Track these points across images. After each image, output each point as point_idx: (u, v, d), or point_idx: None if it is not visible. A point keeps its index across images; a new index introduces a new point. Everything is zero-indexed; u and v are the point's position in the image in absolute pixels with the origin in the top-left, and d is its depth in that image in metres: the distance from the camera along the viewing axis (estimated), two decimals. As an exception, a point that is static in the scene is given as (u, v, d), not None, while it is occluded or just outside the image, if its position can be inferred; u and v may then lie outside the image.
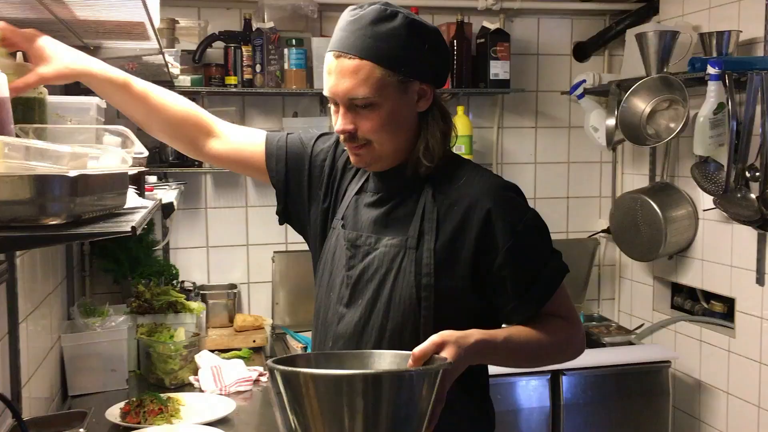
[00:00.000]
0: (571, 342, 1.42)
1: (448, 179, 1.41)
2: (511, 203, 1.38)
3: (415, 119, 1.40)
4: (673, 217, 3.02)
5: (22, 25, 1.47)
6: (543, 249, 1.39)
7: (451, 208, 1.38)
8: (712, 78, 2.59)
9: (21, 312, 1.87)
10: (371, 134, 1.36)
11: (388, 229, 1.42)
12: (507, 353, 1.34)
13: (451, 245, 1.36)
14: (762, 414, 2.73)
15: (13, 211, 0.90)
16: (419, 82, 1.37)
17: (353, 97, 1.33)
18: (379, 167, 1.43)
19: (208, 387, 2.45)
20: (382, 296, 1.38)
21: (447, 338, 1.21)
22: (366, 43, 1.31)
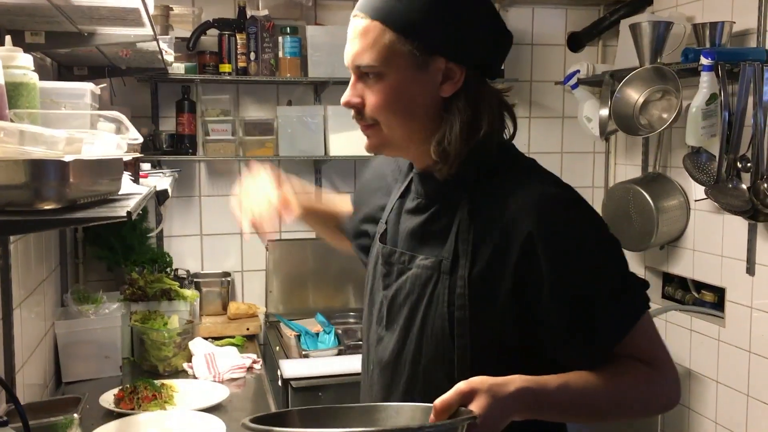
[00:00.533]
0: (656, 393, 1.13)
1: (493, 188, 1.15)
2: (562, 222, 1.10)
3: (436, 104, 1.15)
4: (665, 208, 3.04)
5: (16, 11, 1.47)
6: (610, 281, 1.11)
7: (490, 226, 1.13)
8: (705, 69, 2.60)
9: (15, 298, 1.87)
10: (376, 111, 1.16)
11: (424, 245, 1.21)
12: (564, 406, 1.07)
13: (489, 273, 1.12)
14: (751, 402, 2.76)
15: (8, 195, 0.90)
16: (445, 60, 1.12)
17: (358, 63, 1.15)
18: (394, 153, 1.24)
19: (201, 374, 2.46)
20: (414, 326, 1.19)
21: (477, 386, 1.00)
22: (380, 3, 1.12)
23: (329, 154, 3.11)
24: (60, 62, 2.37)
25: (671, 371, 1.16)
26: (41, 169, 0.91)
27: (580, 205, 1.14)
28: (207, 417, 2.04)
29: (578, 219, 1.12)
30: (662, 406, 1.16)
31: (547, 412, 1.07)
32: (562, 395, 1.06)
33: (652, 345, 1.14)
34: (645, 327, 1.13)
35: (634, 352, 1.12)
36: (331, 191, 3.33)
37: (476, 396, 0.99)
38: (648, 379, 1.12)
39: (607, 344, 1.11)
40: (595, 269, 1.11)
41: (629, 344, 1.11)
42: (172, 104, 3.05)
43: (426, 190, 1.22)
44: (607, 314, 1.10)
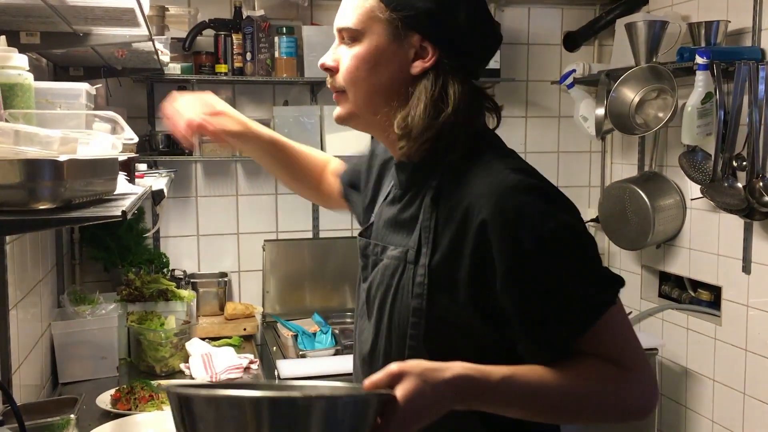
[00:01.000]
0: (622, 394, 1.05)
1: (458, 174, 1.13)
2: (521, 209, 1.04)
3: (405, 81, 1.15)
4: (661, 206, 3.04)
5: (11, 11, 1.47)
6: (570, 272, 1.05)
7: (450, 215, 1.10)
8: (701, 68, 2.61)
9: (11, 299, 1.87)
10: (347, 76, 1.16)
11: (395, 235, 1.20)
12: (508, 399, 1.02)
13: (449, 263, 1.09)
14: (747, 401, 2.76)
15: (3, 195, 0.90)
16: (420, 37, 1.13)
17: (340, 26, 1.18)
18: (361, 128, 1.24)
19: (198, 374, 2.46)
20: (384, 318, 1.17)
21: (408, 369, 0.96)
22: None
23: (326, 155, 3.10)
24: (55, 63, 2.37)
25: (643, 373, 1.07)
26: (36, 168, 0.91)
27: (540, 193, 1.07)
28: (204, 417, 2.03)
29: (535, 207, 1.05)
30: (632, 410, 1.07)
31: (487, 403, 1.01)
32: (505, 387, 1.01)
33: (621, 343, 1.07)
34: (612, 324, 1.06)
35: (599, 350, 1.06)
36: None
37: (405, 378, 0.95)
38: (612, 380, 1.05)
39: (564, 339, 1.05)
40: (552, 260, 1.04)
41: (593, 341, 1.05)
42: (168, 105, 3.04)
43: (401, 179, 1.22)
44: (565, 307, 1.04)
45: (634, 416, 1.07)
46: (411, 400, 0.94)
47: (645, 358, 1.10)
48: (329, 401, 0.87)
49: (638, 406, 1.07)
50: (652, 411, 1.08)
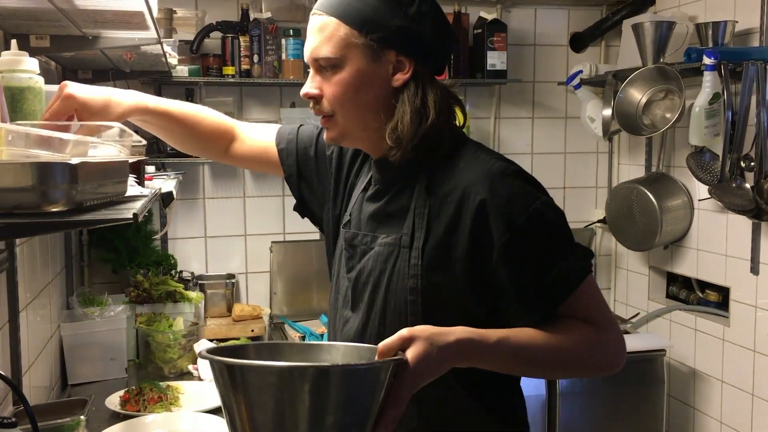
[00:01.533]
0: (598, 350, 1.22)
1: (447, 166, 1.26)
2: (511, 191, 1.19)
3: (387, 94, 1.24)
4: (669, 207, 3.04)
5: (21, 15, 1.48)
6: (553, 245, 1.21)
7: (444, 201, 1.23)
8: (708, 68, 2.60)
9: (21, 301, 1.88)
10: (334, 102, 1.24)
11: (384, 225, 1.30)
12: (504, 357, 1.16)
13: (444, 243, 1.22)
14: (756, 402, 2.76)
15: (16, 198, 0.91)
16: (395, 53, 1.22)
17: (317, 56, 1.23)
18: (351, 144, 1.33)
19: (207, 376, 2.46)
20: (377, 301, 1.27)
21: (417, 333, 1.07)
22: (336, 1, 1.22)
23: (333, 156, 3.12)
24: (64, 66, 2.38)
25: (614, 333, 1.24)
26: (49, 171, 0.91)
27: (525, 176, 1.24)
28: (213, 418, 2.04)
29: (529, 190, 1.21)
30: (606, 364, 1.24)
31: (485, 362, 1.15)
32: (501, 347, 1.14)
33: (595, 307, 1.23)
34: (588, 290, 1.22)
35: (577, 314, 1.21)
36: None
37: (414, 342, 1.06)
38: (590, 338, 1.20)
39: (551, 303, 1.19)
40: (541, 233, 1.20)
41: (573, 305, 1.20)
42: (175, 107, 3.06)
43: (383, 176, 1.31)
44: (551, 275, 1.18)
45: (609, 370, 1.25)
46: (420, 361, 1.05)
47: (614, 320, 1.27)
48: (352, 369, 0.97)
49: (611, 360, 1.25)
50: (622, 365, 1.25)
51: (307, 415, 0.92)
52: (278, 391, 0.92)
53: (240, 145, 1.54)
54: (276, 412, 0.93)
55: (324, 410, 0.92)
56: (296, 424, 0.92)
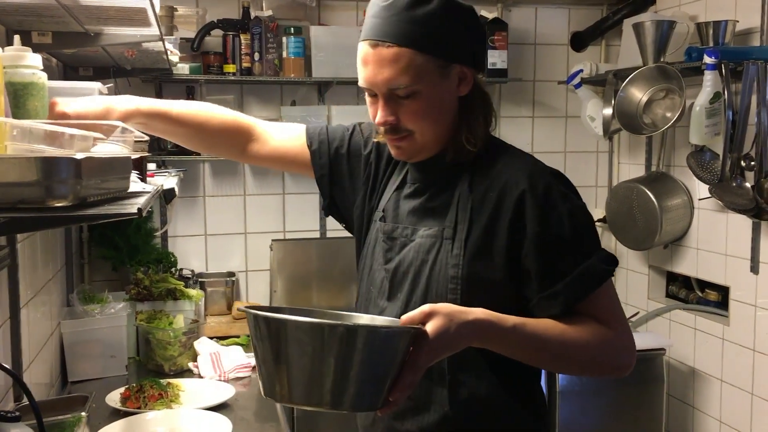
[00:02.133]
0: (608, 351, 1.27)
1: (488, 165, 1.33)
2: (550, 189, 1.27)
3: (455, 104, 1.32)
4: (669, 206, 3.04)
5: (24, 11, 1.48)
6: (581, 245, 1.27)
7: (486, 195, 1.30)
8: (709, 67, 2.61)
9: (22, 298, 1.88)
10: (413, 124, 1.29)
11: (426, 219, 1.35)
12: (519, 343, 1.22)
13: (485, 234, 1.28)
14: (755, 401, 2.76)
15: (20, 193, 0.91)
16: (459, 66, 1.29)
17: (395, 87, 1.25)
18: (421, 158, 1.36)
19: (207, 373, 2.47)
20: (417, 289, 1.33)
21: (439, 309, 1.14)
22: (403, 29, 1.24)
23: (333, 154, 3.12)
24: (65, 63, 2.38)
25: (627, 336, 1.30)
26: (53, 166, 0.91)
27: (562, 179, 1.31)
28: (213, 415, 2.04)
29: (560, 189, 1.28)
30: (614, 366, 1.29)
31: (500, 345, 1.21)
32: (515, 333, 1.20)
33: (611, 310, 1.29)
34: (607, 293, 1.28)
35: (594, 313, 1.26)
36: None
37: (435, 316, 1.13)
38: (602, 338, 1.25)
39: (571, 298, 1.25)
40: (572, 230, 1.26)
41: (591, 305, 1.26)
42: (176, 105, 3.06)
43: (423, 176, 1.38)
44: (575, 272, 1.24)
45: (617, 372, 1.30)
46: (438, 335, 1.11)
47: (628, 324, 1.33)
48: (372, 330, 1.05)
49: (620, 364, 1.29)
50: (630, 369, 1.30)
51: (333, 366, 1.01)
52: (311, 344, 1.01)
53: (262, 145, 1.52)
54: (308, 362, 1.01)
55: (348, 364, 1.01)
56: (324, 373, 1.01)
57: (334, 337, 1.01)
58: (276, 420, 2.13)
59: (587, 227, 1.30)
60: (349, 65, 3.08)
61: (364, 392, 1.04)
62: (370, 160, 1.48)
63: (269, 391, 1.06)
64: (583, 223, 1.28)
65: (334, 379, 1.02)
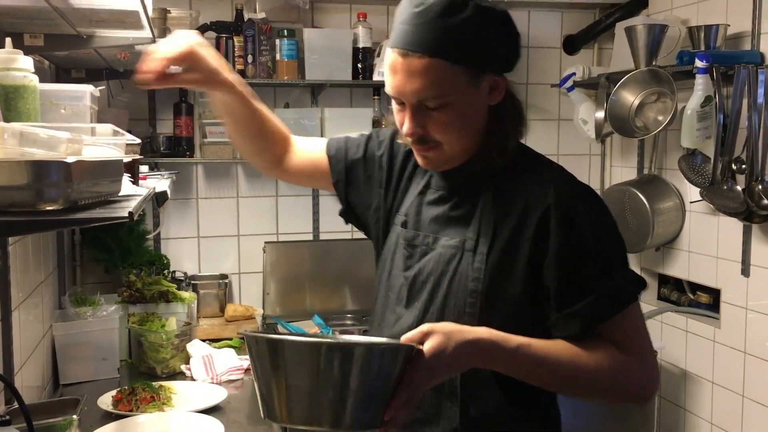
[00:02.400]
0: (621, 379, 1.21)
1: (515, 176, 1.28)
2: (577, 204, 1.22)
3: (485, 113, 1.27)
4: (661, 209, 3.05)
5: (16, 14, 1.47)
6: (605, 265, 1.22)
7: (511, 208, 1.25)
8: (700, 71, 2.62)
9: (13, 300, 1.88)
10: (441, 135, 1.25)
11: (448, 228, 1.32)
12: (522, 365, 1.18)
13: (508, 248, 1.24)
14: (746, 403, 2.77)
15: (11, 196, 0.91)
16: (492, 74, 1.25)
17: (424, 98, 1.21)
18: (449, 167, 1.32)
19: (199, 376, 2.47)
20: (436, 300, 1.29)
21: (437, 329, 1.13)
22: (436, 39, 1.18)
23: (326, 157, 3.12)
24: (58, 65, 2.38)
25: (648, 366, 1.24)
26: (44, 170, 0.91)
27: (592, 195, 1.27)
28: (205, 418, 2.04)
29: (595, 209, 1.24)
30: (628, 394, 1.24)
31: (502, 365, 1.18)
32: (520, 354, 1.16)
33: (631, 335, 1.23)
34: (631, 318, 1.22)
35: (612, 337, 1.21)
36: (328, 193, 3.34)
37: (433, 335, 1.11)
38: (617, 364, 1.20)
39: (589, 320, 1.20)
40: (596, 248, 1.21)
41: (609, 328, 1.21)
42: (169, 107, 3.06)
43: (448, 183, 1.34)
44: (597, 292, 1.20)
45: (631, 400, 1.25)
46: (434, 354, 1.10)
47: (651, 352, 1.27)
48: (367, 348, 1.05)
49: (637, 392, 1.24)
50: (649, 399, 1.26)
51: (330, 385, 1.01)
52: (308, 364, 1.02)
53: (292, 156, 1.54)
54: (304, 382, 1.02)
55: (345, 383, 1.02)
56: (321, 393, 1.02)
57: (330, 355, 1.01)
58: (268, 423, 2.13)
59: (614, 247, 1.25)
60: (342, 68, 3.09)
61: (362, 411, 1.04)
62: (382, 163, 1.46)
63: (269, 413, 1.07)
64: (610, 243, 1.24)
65: (332, 399, 1.02)
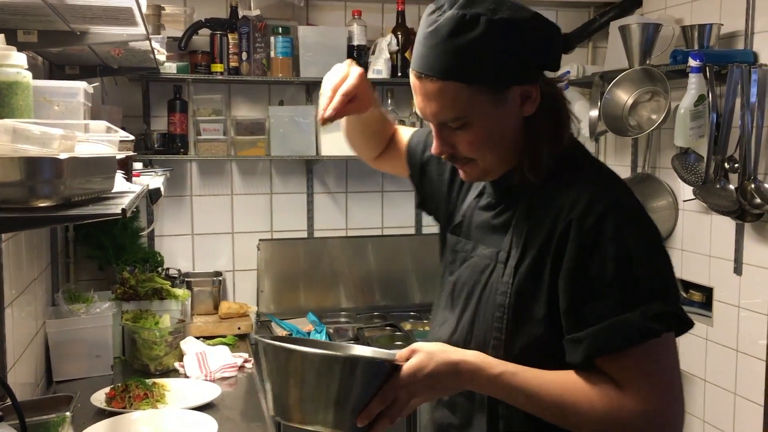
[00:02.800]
0: (615, 425, 1.10)
1: (553, 185, 1.21)
2: (605, 223, 1.12)
3: (521, 124, 1.21)
4: (654, 208, 3.06)
5: (9, 10, 1.47)
6: (625, 292, 1.10)
7: (543, 221, 1.19)
8: (694, 70, 2.63)
9: (6, 297, 1.87)
10: (471, 153, 1.22)
11: (488, 237, 1.29)
12: (504, 392, 1.15)
13: (535, 265, 1.18)
14: (738, 401, 2.79)
15: (4, 192, 0.91)
16: (519, 86, 1.17)
17: (443, 120, 1.19)
18: (492, 178, 1.28)
19: (193, 373, 2.46)
20: (467, 311, 1.28)
21: (423, 348, 1.16)
22: (446, 62, 1.14)
23: (321, 154, 3.12)
24: (52, 61, 2.37)
25: (655, 417, 1.10)
26: (36, 166, 0.92)
27: (624, 211, 1.15)
28: (199, 415, 2.04)
29: (614, 223, 1.12)
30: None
31: (486, 390, 1.17)
32: (502, 381, 1.14)
33: (641, 378, 1.10)
34: (642, 356, 1.10)
35: (617, 375, 1.11)
36: (323, 191, 3.34)
37: (416, 353, 1.15)
38: (610, 409, 1.10)
39: (592, 349, 1.11)
40: (616, 274, 1.10)
41: (613, 365, 1.11)
42: (163, 104, 3.05)
43: (496, 190, 1.30)
44: (603, 323, 1.10)
45: None
46: (411, 371, 1.13)
47: (667, 401, 1.11)
48: (350, 360, 1.14)
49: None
50: None
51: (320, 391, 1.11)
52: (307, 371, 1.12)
53: (389, 147, 1.60)
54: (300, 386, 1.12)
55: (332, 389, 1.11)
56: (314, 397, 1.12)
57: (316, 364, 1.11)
58: (262, 420, 2.13)
59: (644, 276, 1.11)
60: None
61: (348, 416, 1.12)
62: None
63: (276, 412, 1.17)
64: (637, 268, 1.10)
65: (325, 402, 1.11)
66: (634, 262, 1.11)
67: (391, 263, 3.38)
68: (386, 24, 3.29)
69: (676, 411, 1.12)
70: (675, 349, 1.14)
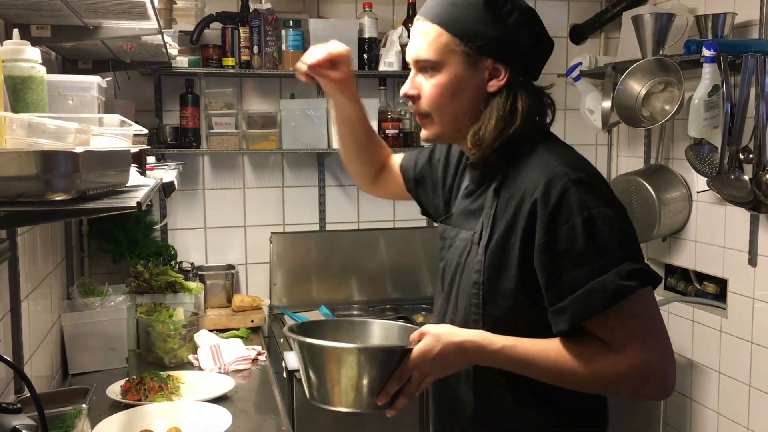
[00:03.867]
0: (610, 377, 1.20)
1: (520, 168, 1.30)
2: (566, 194, 1.20)
3: (482, 100, 1.31)
4: (668, 199, 3.04)
5: (23, 5, 1.48)
6: (593, 259, 1.18)
7: (508, 202, 1.29)
8: (707, 60, 2.61)
9: (22, 291, 1.89)
10: (431, 103, 1.33)
11: (467, 222, 1.39)
12: (507, 364, 1.25)
13: (503, 243, 1.28)
14: (753, 393, 2.77)
15: (20, 186, 0.91)
16: (492, 61, 1.29)
17: (418, 57, 1.33)
18: (446, 141, 1.45)
19: (207, 365, 2.48)
20: (452, 292, 1.40)
21: (429, 330, 1.26)
22: (440, 10, 1.31)
23: (332, 147, 3.12)
24: (64, 56, 2.38)
25: (651, 364, 1.19)
26: (52, 160, 0.92)
27: (584, 185, 1.22)
28: (213, 407, 2.06)
29: (576, 196, 1.20)
30: (630, 393, 1.23)
31: (489, 363, 1.26)
32: (504, 354, 1.24)
33: (625, 332, 1.19)
34: (625, 312, 1.19)
35: (603, 334, 1.20)
36: (334, 184, 3.35)
37: (425, 336, 1.26)
38: (602, 364, 1.20)
39: (576, 316, 1.19)
40: (586, 242, 1.18)
41: (600, 325, 1.20)
42: (175, 98, 3.06)
43: (473, 176, 1.41)
44: (581, 289, 1.18)
45: (637, 396, 1.23)
46: (420, 354, 1.24)
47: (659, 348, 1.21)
48: (365, 350, 1.27)
49: (635, 390, 1.21)
50: (658, 397, 1.24)
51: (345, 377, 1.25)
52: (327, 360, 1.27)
53: (385, 172, 1.71)
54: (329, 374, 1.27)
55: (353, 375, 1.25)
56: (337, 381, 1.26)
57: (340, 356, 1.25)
58: (276, 412, 2.14)
59: (611, 239, 1.19)
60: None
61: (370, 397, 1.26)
62: (440, 165, 1.58)
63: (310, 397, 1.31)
64: (604, 234, 1.18)
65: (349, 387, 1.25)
66: (602, 228, 1.19)
67: (403, 256, 3.38)
68: (397, 16, 3.29)
69: (665, 355, 1.22)
70: (654, 301, 1.23)
